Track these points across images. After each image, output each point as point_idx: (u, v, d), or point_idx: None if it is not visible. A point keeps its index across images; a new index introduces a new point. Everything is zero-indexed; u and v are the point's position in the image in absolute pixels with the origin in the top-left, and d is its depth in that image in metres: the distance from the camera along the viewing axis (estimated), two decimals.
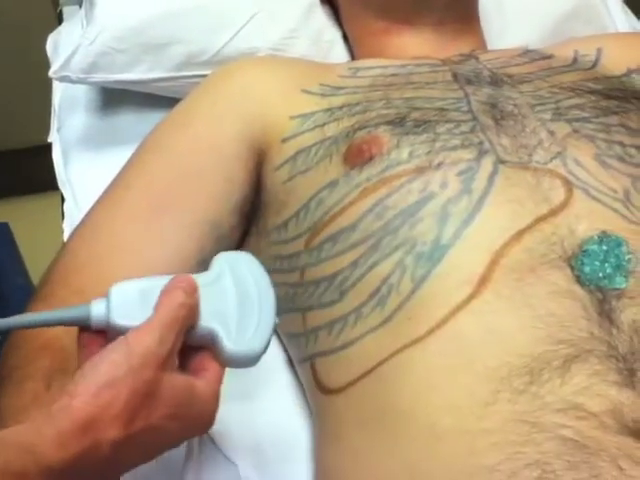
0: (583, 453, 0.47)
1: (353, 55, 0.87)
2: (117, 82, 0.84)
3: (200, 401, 0.49)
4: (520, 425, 0.49)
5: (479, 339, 0.53)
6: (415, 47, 0.78)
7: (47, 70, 0.85)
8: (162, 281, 0.51)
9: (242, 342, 0.51)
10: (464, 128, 0.63)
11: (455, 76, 0.71)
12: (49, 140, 0.91)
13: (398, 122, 0.64)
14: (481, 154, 0.61)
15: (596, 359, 0.50)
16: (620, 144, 0.63)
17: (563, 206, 0.58)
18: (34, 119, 1.18)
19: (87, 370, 0.46)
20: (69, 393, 0.45)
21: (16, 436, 0.43)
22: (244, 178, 0.69)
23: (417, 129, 0.63)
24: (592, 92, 0.67)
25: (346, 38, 0.89)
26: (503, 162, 0.60)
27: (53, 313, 0.52)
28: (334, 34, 0.89)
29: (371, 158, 0.62)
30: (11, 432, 0.44)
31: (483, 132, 0.63)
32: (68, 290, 0.65)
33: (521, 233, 0.56)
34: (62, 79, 0.84)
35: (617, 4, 0.99)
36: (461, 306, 0.54)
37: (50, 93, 0.95)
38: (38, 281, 0.68)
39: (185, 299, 0.49)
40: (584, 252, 0.55)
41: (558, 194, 0.58)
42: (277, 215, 0.68)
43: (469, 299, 0.54)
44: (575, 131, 0.63)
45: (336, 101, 0.69)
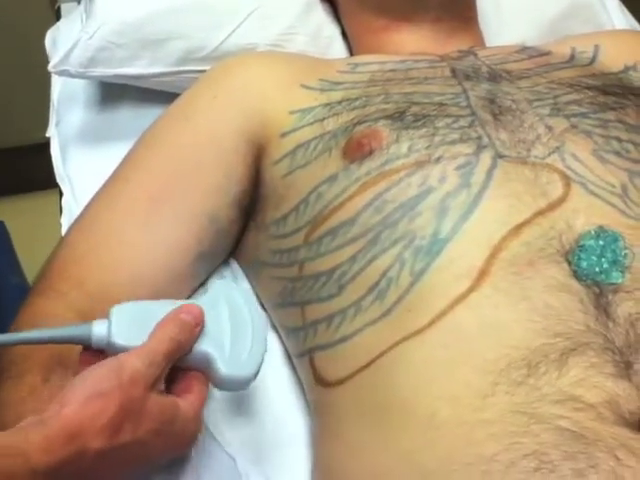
0: (580, 443, 0.47)
1: (352, 51, 0.87)
2: (116, 77, 0.84)
3: (183, 420, 0.52)
4: (518, 416, 0.49)
5: (477, 332, 0.53)
6: (413, 43, 0.78)
7: (44, 68, 0.85)
8: (165, 307, 0.54)
9: (235, 366, 0.54)
10: (463, 123, 0.64)
11: (454, 72, 0.71)
12: (47, 135, 0.91)
13: (397, 117, 0.64)
14: (480, 149, 0.61)
15: (593, 352, 0.51)
16: (617, 139, 0.63)
17: (561, 200, 0.58)
18: (30, 117, 1.18)
19: (77, 381, 0.48)
20: (59, 402, 0.47)
21: (4, 440, 0.45)
22: (243, 172, 0.70)
23: (416, 123, 0.63)
24: (590, 88, 0.68)
25: (345, 35, 0.89)
26: (502, 157, 0.61)
27: (56, 331, 0.54)
28: (333, 30, 0.89)
29: (370, 152, 0.63)
30: (3, 436, 0.46)
31: (482, 127, 0.63)
32: (67, 283, 0.65)
33: (519, 227, 0.57)
34: (61, 73, 0.84)
35: (614, 3, 0.99)
36: (460, 299, 0.54)
37: (46, 91, 0.95)
38: (34, 278, 0.68)
39: (177, 334, 0.52)
40: (581, 247, 0.55)
41: (556, 188, 0.59)
42: (276, 209, 0.68)
43: (468, 292, 0.54)
44: (573, 126, 0.64)
45: (335, 96, 0.69)
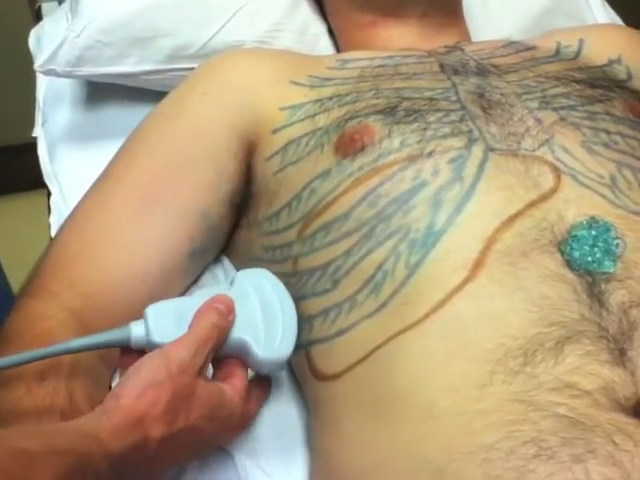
0: (578, 430, 0.48)
1: (338, 48, 0.88)
2: (104, 75, 0.84)
3: (230, 404, 0.54)
4: (516, 405, 0.50)
5: (474, 322, 0.54)
6: (401, 39, 0.79)
7: (29, 68, 0.84)
8: (197, 300, 0.57)
9: (271, 349, 0.57)
10: (453, 117, 0.64)
11: (442, 67, 0.72)
12: (33, 135, 0.91)
13: (389, 112, 0.65)
14: (471, 142, 0.62)
15: (588, 340, 0.52)
16: (605, 131, 0.64)
17: (552, 192, 0.59)
18: (13, 118, 1.17)
19: (130, 374, 0.51)
20: (114, 395, 0.49)
21: (78, 425, 0.47)
22: (234, 169, 0.70)
23: (408, 118, 0.64)
24: (577, 81, 0.69)
25: (331, 31, 0.89)
26: (493, 150, 0.62)
27: (94, 337, 0.56)
28: (319, 27, 0.89)
29: (363, 147, 0.63)
30: (71, 423, 0.48)
31: (472, 121, 0.64)
32: (61, 283, 0.65)
33: (512, 219, 0.57)
34: (48, 73, 0.84)
35: None
36: (456, 290, 0.55)
37: (30, 92, 0.95)
38: (17, 282, 0.67)
39: (218, 320, 0.55)
40: (573, 237, 0.56)
41: (547, 180, 0.60)
42: (268, 205, 0.68)
43: (464, 283, 0.55)
44: (562, 119, 0.65)
45: (325, 92, 0.70)
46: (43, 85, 0.93)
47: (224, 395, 0.54)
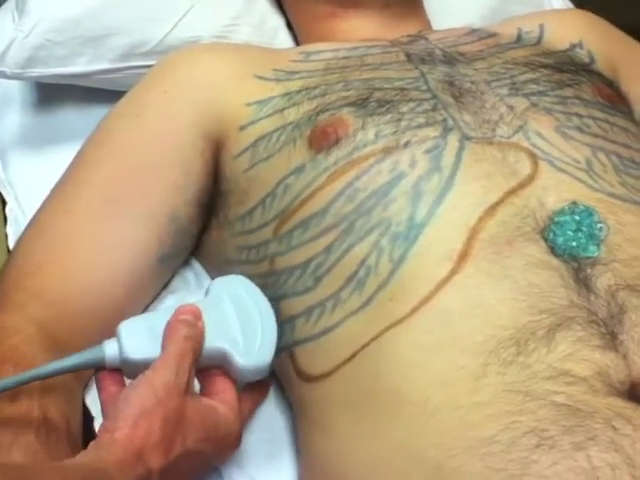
0: (577, 417, 0.48)
1: (298, 41, 0.86)
2: (56, 76, 0.81)
3: (225, 422, 0.53)
4: (513, 395, 0.49)
5: (464, 314, 0.53)
6: (362, 30, 0.78)
7: None
8: (169, 313, 0.55)
9: (251, 356, 0.56)
10: (426, 106, 0.63)
11: (408, 56, 0.71)
12: None
13: (360, 103, 0.63)
14: (446, 131, 0.61)
15: (578, 326, 0.52)
16: (577, 115, 0.64)
17: (531, 178, 0.59)
18: None
19: (120, 405, 0.49)
20: (108, 430, 0.48)
21: (86, 459, 0.46)
22: (201, 168, 0.68)
23: (381, 109, 0.63)
24: (544, 66, 0.69)
25: (290, 24, 0.87)
26: (468, 138, 0.61)
27: (67, 360, 0.54)
28: (278, 20, 0.87)
29: (337, 141, 0.62)
30: (77, 459, 0.47)
31: (445, 110, 0.63)
32: (25, 293, 0.62)
33: (494, 207, 0.57)
34: None
35: None
36: (443, 282, 0.54)
37: None
38: None
39: (188, 332, 0.53)
40: (556, 223, 0.56)
41: (525, 167, 0.59)
42: (240, 205, 0.67)
43: (450, 275, 0.54)
44: (533, 105, 0.64)
45: (293, 86, 0.68)
46: None
47: (218, 414, 0.53)
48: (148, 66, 0.78)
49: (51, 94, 0.86)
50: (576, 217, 0.55)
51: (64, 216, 0.66)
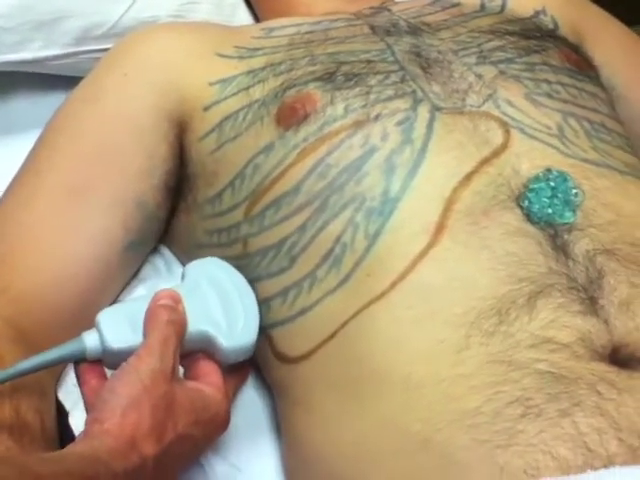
0: (561, 384, 0.48)
1: (258, 18, 0.84)
2: (8, 63, 0.78)
3: (214, 403, 0.52)
4: (496, 365, 0.49)
5: (443, 286, 0.53)
6: (324, 3, 0.76)
7: None
8: (146, 300, 0.54)
9: (235, 336, 0.55)
10: (394, 78, 0.62)
11: (373, 28, 0.69)
12: None
13: (328, 78, 0.62)
14: (416, 103, 0.60)
15: (558, 292, 0.51)
16: (546, 82, 0.64)
17: (503, 147, 0.58)
18: None
19: (106, 395, 0.48)
20: (97, 421, 0.47)
21: (79, 450, 0.45)
22: (166, 151, 0.66)
23: (349, 83, 0.61)
24: (510, 33, 0.68)
25: (248, 1, 0.86)
26: (439, 109, 0.60)
27: (47, 354, 0.52)
28: None
29: (306, 117, 0.60)
30: (70, 448, 0.46)
31: (414, 81, 0.62)
32: None
33: (468, 177, 0.56)
34: None
35: None
36: (421, 256, 0.53)
37: None
38: None
39: (170, 316, 0.52)
40: (531, 190, 0.55)
41: (496, 135, 0.59)
42: (208, 187, 0.65)
43: (428, 248, 0.54)
44: (502, 72, 0.64)
45: (256, 63, 0.66)
46: None
47: (205, 396, 0.52)
48: (104, 50, 0.76)
49: (3, 83, 0.83)
50: (551, 183, 0.55)
51: (24, 210, 0.64)
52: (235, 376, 0.59)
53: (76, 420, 0.58)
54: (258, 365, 0.62)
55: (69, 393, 0.61)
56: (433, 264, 0.53)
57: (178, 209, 0.68)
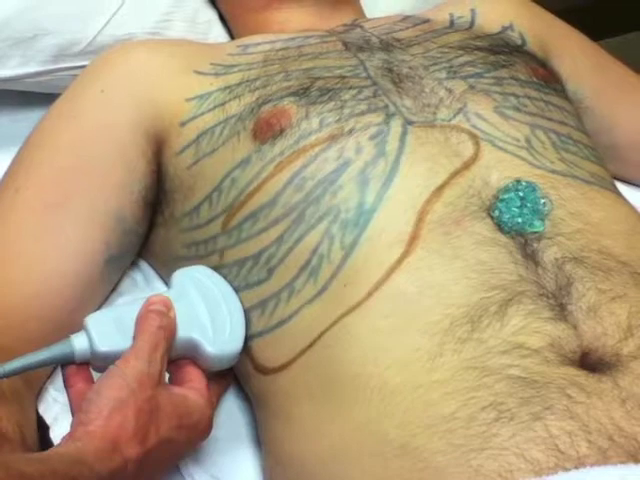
0: (533, 388, 0.49)
1: (232, 34, 0.86)
2: None
3: (197, 409, 0.53)
4: (470, 372, 0.50)
5: (417, 295, 0.54)
6: (297, 21, 0.77)
7: None
8: (135, 306, 0.55)
9: (221, 344, 0.56)
10: (367, 93, 0.64)
11: (346, 45, 0.71)
12: None
13: (302, 93, 0.63)
14: (389, 117, 0.62)
15: (529, 299, 0.53)
16: (514, 95, 0.66)
17: (474, 159, 0.60)
18: None
19: (92, 397, 0.49)
20: (81, 423, 0.47)
21: (64, 450, 0.46)
22: (145, 166, 0.67)
23: (323, 98, 0.63)
24: (479, 49, 0.70)
25: (223, 18, 0.87)
26: (411, 123, 0.62)
27: (35, 355, 0.52)
28: (210, 14, 0.86)
29: (281, 131, 0.62)
30: (54, 450, 0.47)
31: (386, 96, 0.64)
32: None
33: (440, 189, 0.58)
34: None
35: None
36: (395, 266, 0.55)
37: None
38: None
39: (161, 321, 0.53)
40: (501, 201, 0.57)
41: (467, 148, 0.60)
42: (186, 201, 0.66)
43: (402, 258, 0.55)
44: (471, 87, 0.65)
45: (232, 79, 0.68)
46: None
47: (189, 402, 0.53)
48: (81, 67, 0.76)
49: None
50: (520, 193, 0.57)
51: (4, 224, 0.64)
52: (218, 383, 0.60)
53: (57, 434, 0.59)
54: (237, 376, 0.63)
55: (49, 408, 0.62)
56: (407, 273, 0.54)
57: (156, 223, 0.69)
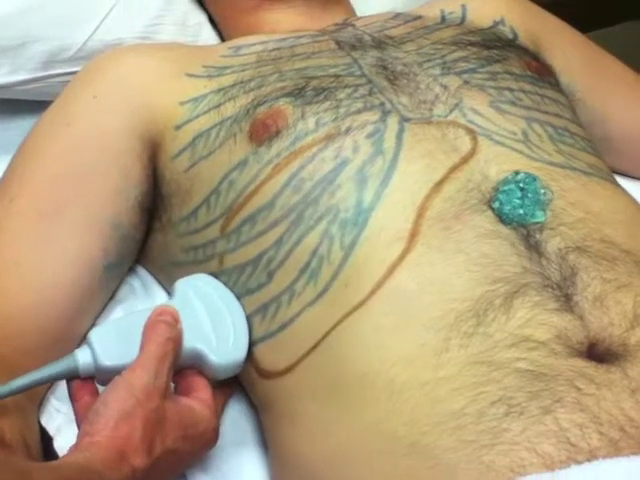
0: (542, 381, 0.49)
1: (222, 36, 0.85)
2: None
3: (203, 420, 0.53)
4: (477, 367, 0.50)
5: (420, 292, 0.53)
6: (288, 21, 0.77)
7: None
8: (138, 317, 0.55)
9: (226, 353, 0.56)
10: (363, 91, 0.63)
11: (338, 43, 0.71)
12: None
13: (297, 93, 0.63)
14: (385, 115, 0.61)
15: (534, 291, 0.52)
16: (509, 89, 0.65)
17: (472, 153, 0.59)
18: None
19: (99, 409, 0.48)
20: (87, 434, 0.47)
21: (75, 459, 0.46)
22: (140, 172, 0.66)
23: (318, 97, 0.62)
24: (472, 44, 0.70)
25: (213, 20, 0.86)
26: (407, 120, 0.61)
27: (40, 372, 0.52)
28: (200, 17, 0.86)
29: (277, 132, 0.61)
30: (65, 458, 0.47)
31: (381, 93, 0.63)
32: None
33: (439, 184, 0.57)
34: None
35: None
36: (397, 263, 0.54)
37: None
38: None
39: (170, 333, 0.53)
40: (501, 192, 0.57)
41: (464, 143, 0.60)
42: (183, 205, 0.65)
43: (403, 255, 0.54)
44: (466, 82, 0.65)
45: (226, 80, 0.67)
46: None
47: (194, 412, 0.53)
48: (72, 73, 0.76)
49: None
50: (520, 184, 0.56)
51: None
52: (222, 391, 0.59)
53: (61, 444, 0.58)
54: (240, 382, 0.63)
55: (52, 418, 0.61)
56: (409, 270, 0.54)
57: (153, 229, 0.68)
